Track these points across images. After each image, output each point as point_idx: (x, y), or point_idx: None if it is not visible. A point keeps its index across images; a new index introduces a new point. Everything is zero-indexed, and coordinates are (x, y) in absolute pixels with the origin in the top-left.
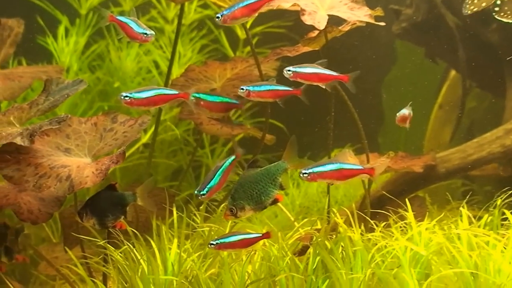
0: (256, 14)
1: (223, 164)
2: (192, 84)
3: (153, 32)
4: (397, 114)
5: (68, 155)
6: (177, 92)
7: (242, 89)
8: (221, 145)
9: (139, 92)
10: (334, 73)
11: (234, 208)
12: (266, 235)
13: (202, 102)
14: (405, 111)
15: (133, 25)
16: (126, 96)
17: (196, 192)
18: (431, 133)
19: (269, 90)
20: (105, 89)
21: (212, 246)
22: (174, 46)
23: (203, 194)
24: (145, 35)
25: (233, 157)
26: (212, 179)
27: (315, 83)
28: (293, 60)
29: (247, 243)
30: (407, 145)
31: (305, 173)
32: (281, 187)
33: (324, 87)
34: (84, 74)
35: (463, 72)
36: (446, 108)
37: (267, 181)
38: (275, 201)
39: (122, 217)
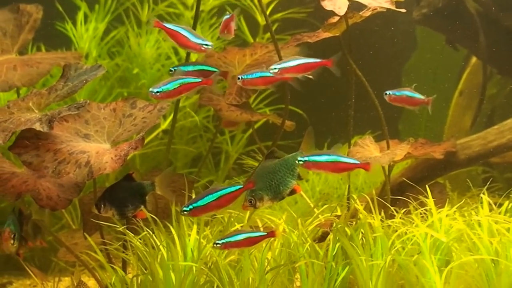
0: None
1: (223, 189)
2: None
3: (212, 43)
4: (389, 92)
5: (87, 141)
6: (200, 80)
7: (239, 78)
8: (241, 131)
9: (165, 84)
10: (318, 60)
11: (253, 199)
12: (271, 234)
13: None
14: (402, 91)
15: (187, 34)
16: (157, 92)
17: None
18: (452, 120)
19: (261, 77)
20: (124, 76)
21: (217, 245)
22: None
23: (185, 211)
24: (204, 46)
25: (239, 186)
26: (201, 199)
27: (301, 74)
28: (312, 46)
29: (253, 241)
30: (427, 132)
31: (301, 161)
32: (299, 177)
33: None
34: (103, 60)
35: (483, 58)
36: (466, 94)
37: (285, 172)
38: (293, 192)
39: (142, 206)
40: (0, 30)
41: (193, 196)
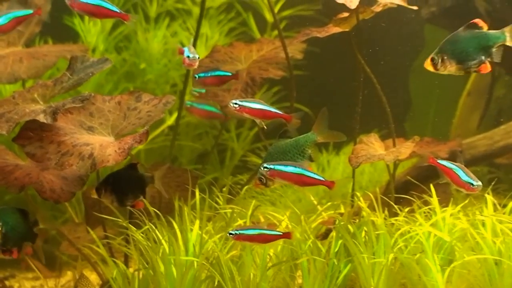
0: None
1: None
2: (217, 66)
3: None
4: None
5: (91, 133)
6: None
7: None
8: (247, 129)
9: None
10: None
11: (263, 177)
12: (287, 235)
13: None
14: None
15: (460, 172)
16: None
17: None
18: (459, 120)
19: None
20: (131, 71)
21: (231, 236)
22: (198, 26)
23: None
24: (472, 185)
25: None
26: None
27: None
28: (320, 41)
29: (266, 239)
30: (434, 132)
31: (266, 168)
32: (310, 159)
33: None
34: (111, 54)
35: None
36: (474, 94)
37: (295, 152)
38: None
39: (141, 197)
40: None
41: (197, 192)
